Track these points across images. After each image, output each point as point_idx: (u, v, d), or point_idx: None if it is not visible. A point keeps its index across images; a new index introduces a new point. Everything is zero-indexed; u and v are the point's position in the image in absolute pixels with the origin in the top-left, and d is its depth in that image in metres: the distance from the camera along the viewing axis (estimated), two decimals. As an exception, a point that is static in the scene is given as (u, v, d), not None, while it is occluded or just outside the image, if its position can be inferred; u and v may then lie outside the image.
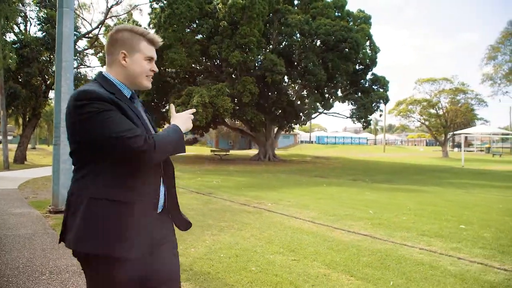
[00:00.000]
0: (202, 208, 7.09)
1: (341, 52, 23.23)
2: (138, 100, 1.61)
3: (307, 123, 36.80)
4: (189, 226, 1.64)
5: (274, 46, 24.64)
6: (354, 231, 5.27)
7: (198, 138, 46.50)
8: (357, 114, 25.98)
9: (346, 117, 27.55)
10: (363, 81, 27.14)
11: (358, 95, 26.67)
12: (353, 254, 4.15)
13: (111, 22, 24.56)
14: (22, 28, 20.98)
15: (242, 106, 23.02)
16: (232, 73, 23.63)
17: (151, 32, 1.52)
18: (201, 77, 26.58)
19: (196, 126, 23.30)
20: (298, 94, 27.47)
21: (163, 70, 24.01)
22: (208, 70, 26.53)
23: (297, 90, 27.91)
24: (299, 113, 25.54)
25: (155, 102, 26.99)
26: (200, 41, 23.27)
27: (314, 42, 24.00)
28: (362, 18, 26.81)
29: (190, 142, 49.80)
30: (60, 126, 6.40)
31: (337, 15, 25.47)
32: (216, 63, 25.92)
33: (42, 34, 19.90)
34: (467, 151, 39.51)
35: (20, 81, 20.08)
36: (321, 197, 8.90)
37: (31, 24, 23.47)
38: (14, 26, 19.82)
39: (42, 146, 44.95)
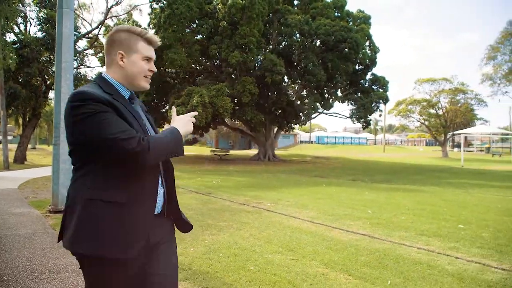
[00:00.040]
0: (202, 208, 7.11)
1: (340, 52, 23.26)
2: (139, 100, 1.61)
3: (307, 123, 36.83)
4: (190, 228, 1.63)
5: (273, 46, 24.66)
6: (352, 231, 5.29)
7: (198, 138, 46.51)
8: (356, 114, 26.02)
9: (346, 117, 27.58)
10: (363, 81, 27.19)
11: (358, 95, 26.70)
12: (351, 253, 4.17)
13: (111, 22, 24.60)
14: (22, 28, 21.02)
15: (242, 106, 23.04)
16: (232, 73, 23.65)
17: (149, 32, 1.51)
18: (201, 77, 26.60)
19: (196, 126, 23.23)
20: (298, 94, 27.49)
21: (163, 70, 24.04)
22: (208, 70, 26.55)
23: (297, 90, 27.94)
24: (299, 113, 25.56)
25: (155, 102, 27.01)
26: (200, 41, 23.29)
27: (313, 42, 24.03)
28: (362, 18, 26.85)
29: (190, 142, 49.82)
30: (59, 126, 6.42)
31: (336, 15, 25.51)
32: (216, 63, 25.94)
33: (42, 34, 19.92)
34: (467, 151, 39.53)
35: (20, 81, 20.10)
36: (320, 197, 8.92)
37: (31, 24, 23.54)
38: (14, 26, 19.84)
39: (42, 146, 45.01)
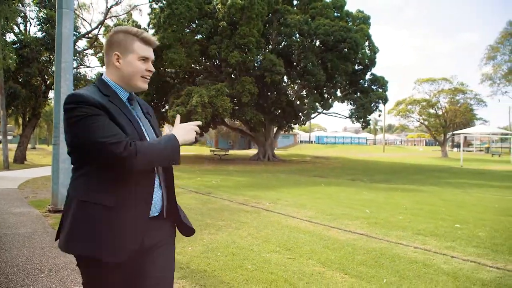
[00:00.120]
0: (201, 207, 7.14)
1: (340, 52, 23.29)
2: (142, 101, 1.61)
3: (307, 123, 36.83)
4: (191, 232, 1.62)
5: (273, 46, 24.69)
6: (350, 230, 5.32)
7: (197, 138, 46.43)
8: (356, 114, 26.06)
9: (345, 117, 27.61)
10: (362, 81, 27.22)
11: (357, 95, 26.73)
12: (348, 252, 4.21)
13: (111, 22, 24.65)
14: (22, 28, 21.05)
15: (241, 106, 23.06)
16: (231, 73, 23.68)
17: (145, 32, 1.50)
18: (200, 77, 26.62)
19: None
20: (298, 94, 27.52)
21: (163, 70, 24.07)
22: (207, 70, 26.58)
23: (296, 90, 27.97)
24: (299, 113, 25.59)
25: (155, 102, 27.04)
26: (199, 41, 23.32)
27: (313, 42, 24.05)
28: (361, 19, 26.87)
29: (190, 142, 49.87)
30: (59, 126, 6.45)
31: (336, 15, 25.54)
32: (215, 63, 25.97)
33: (42, 34, 19.94)
34: (467, 151, 39.57)
35: (20, 81, 20.13)
36: (319, 196, 8.95)
37: (31, 24, 23.53)
38: (14, 26, 19.86)
39: (42, 146, 45.05)
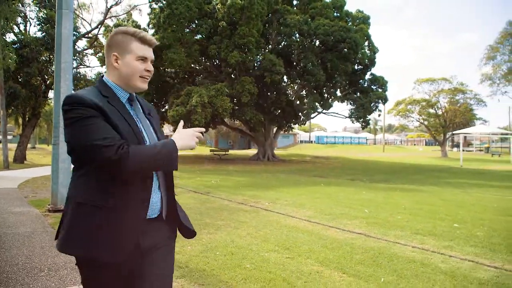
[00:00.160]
0: (200, 207, 7.16)
1: (340, 52, 23.31)
2: (144, 102, 1.60)
3: (307, 123, 36.85)
4: (192, 235, 1.61)
5: (273, 46, 24.70)
6: (348, 230, 5.34)
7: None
8: (356, 114, 26.08)
9: (345, 117, 27.63)
10: (362, 81, 27.24)
11: (357, 95, 26.75)
12: (346, 252, 4.23)
13: (111, 22, 24.68)
14: (22, 28, 21.07)
15: (241, 106, 23.08)
16: (231, 73, 23.70)
17: (143, 31, 1.49)
18: (200, 77, 26.64)
19: (195, 126, 23.32)
20: (297, 94, 27.54)
21: (163, 70, 24.08)
22: (207, 70, 26.60)
23: (296, 90, 27.99)
24: (298, 113, 25.60)
25: (155, 102, 27.05)
26: (199, 41, 23.33)
27: (313, 42, 24.07)
28: (361, 19, 26.89)
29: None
30: (59, 126, 6.47)
31: (336, 15, 25.55)
32: (215, 63, 25.99)
33: (41, 34, 19.96)
34: (466, 151, 39.59)
35: (20, 81, 20.16)
36: (318, 196, 8.96)
37: (31, 24, 23.56)
38: (14, 26, 19.89)
39: (42, 145, 45.07)
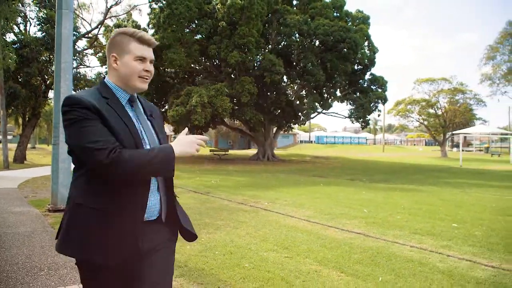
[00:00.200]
0: (200, 207, 7.18)
1: (339, 52, 23.32)
2: (147, 103, 1.60)
3: (306, 123, 36.86)
4: (193, 238, 1.60)
5: (273, 46, 24.71)
6: (347, 230, 5.36)
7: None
8: (355, 114, 26.09)
9: (345, 117, 27.63)
10: (362, 81, 27.24)
11: (357, 95, 26.76)
12: (345, 251, 4.24)
13: (111, 22, 24.71)
14: (22, 28, 21.09)
15: (241, 106, 23.10)
16: (231, 73, 23.71)
17: (142, 31, 1.49)
18: (200, 77, 26.65)
19: (195, 126, 23.38)
20: (297, 94, 27.55)
21: (162, 70, 24.10)
22: (207, 70, 26.61)
23: (296, 90, 28.00)
24: (298, 113, 25.62)
25: (154, 102, 27.06)
26: (199, 41, 23.35)
27: (312, 42, 24.08)
28: (361, 19, 26.90)
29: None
30: (59, 126, 6.48)
31: (335, 15, 25.56)
32: (215, 63, 26.00)
33: (41, 34, 19.98)
34: (466, 151, 39.61)
35: (20, 81, 20.18)
36: (318, 196, 8.98)
37: (31, 24, 23.54)
38: (14, 26, 19.91)
39: (42, 145, 45.08)
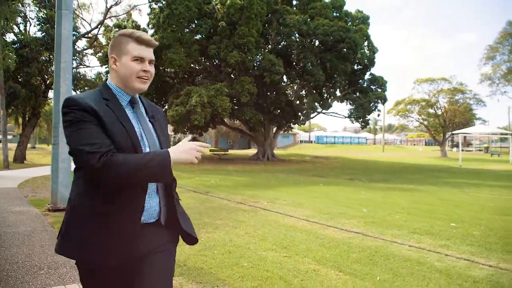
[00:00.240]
0: (199, 206, 7.20)
1: (339, 52, 23.34)
2: (146, 104, 1.58)
3: (306, 123, 36.88)
4: (194, 241, 1.59)
5: (272, 46, 24.74)
6: (346, 229, 5.38)
7: (197, 137, 46.70)
8: (355, 114, 26.12)
9: (345, 117, 27.66)
10: (361, 81, 27.29)
11: (356, 95, 26.79)
12: (343, 251, 4.26)
13: (110, 22, 24.75)
14: (22, 28, 21.12)
15: (240, 106, 23.12)
16: (230, 73, 23.74)
17: (141, 31, 1.49)
18: (200, 77, 26.69)
19: (195, 126, 23.43)
20: (297, 94, 27.57)
21: (162, 70, 24.13)
22: (207, 70, 26.64)
23: (295, 90, 28.03)
24: (298, 113, 25.65)
25: (154, 102, 27.09)
26: (199, 41, 23.37)
27: (312, 42, 24.11)
28: (360, 19, 26.93)
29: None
30: (58, 126, 6.50)
31: (335, 16, 25.59)
32: (214, 63, 26.03)
33: (41, 34, 20.02)
34: (466, 151, 39.65)
35: (19, 81, 20.21)
36: (317, 196, 9.00)
37: (31, 24, 23.58)
38: (14, 26, 19.93)
39: (42, 145, 45.08)
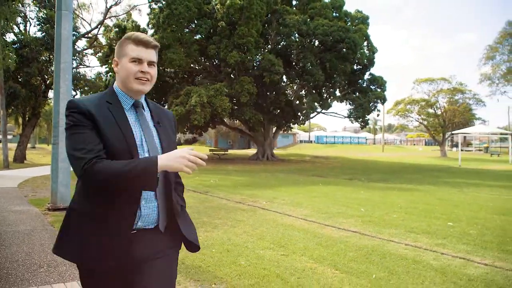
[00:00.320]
0: (198, 206, 7.23)
1: (338, 52, 23.38)
2: (153, 108, 1.60)
3: (306, 123, 36.91)
4: (195, 249, 1.56)
5: (272, 46, 24.78)
6: (344, 228, 5.42)
7: (197, 137, 46.78)
8: (354, 114, 26.16)
9: (344, 116, 27.71)
10: (361, 81, 27.33)
11: (356, 95, 26.83)
12: (340, 249, 4.30)
13: (110, 22, 24.78)
14: (22, 28, 21.16)
15: (240, 106, 23.16)
16: (230, 73, 23.77)
17: (139, 33, 1.50)
18: (199, 77, 26.72)
19: (194, 126, 23.47)
20: (296, 94, 27.61)
21: (162, 70, 24.17)
22: (206, 70, 26.68)
23: (295, 90, 28.07)
24: (297, 112, 25.69)
25: (154, 101, 27.14)
26: (198, 41, 23.41)
27: (312, 42, 24.15)
28: (360, 19, 26.96)
29: (189, 142, 50.12)
30: (58, 126, 6.54)
31: (335, 16, 25.63)
32: (214, 63, 26.06)
33: (41, 34, 20.07)
34: (466, 151, 39.71)
35: (19, 81, 20.26)
36: (316, 195, 9.04)
37: (31, 24, 23.64)
38: (14, 26, 19.98)
39: (42, 145, 45.13)
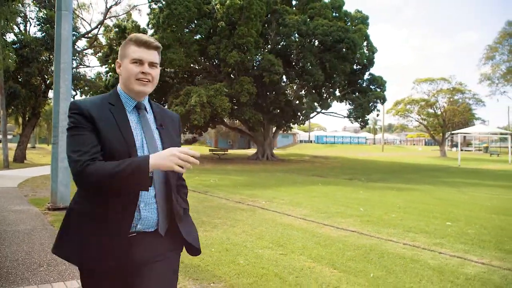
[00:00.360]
0: (198, 205, 7.26)
1: (338, 52, 23.40)
2: (156, 110, 1.61)
3: (306, 123, 36.95)
4: (196, 253, 1.56)
5: (272, 46, 24.80)
6: (342, 228, 5.44)
7: (197, 137, 46.83)
8: (354, 114, 26.19)
9: (344, 116, 27.73)
10: (361, 81, 27.36)
11: (356, 95, 26.86)
12: (338, 248, 4.33)
13: (110, 22, 24.80)
14: (22, 28, 21.18)
15: (240, 105, 23.18)
16: (230, 73, 23.80)
17: (140, 34, 1.51)
18: (199, 77, 26.75)
19: (194, 126, 23.48)
20: (296, 94, 27.63)
21: (162, 70, 24.15)
22: (206, 70, 26.70)
23: (295, 90, 28.08)
24: (297, 112, 25.72)
25: (154, 101, 27.17)
26: (198, 41, 23.43)
27: (311, 42, 24.17)
28: (360, 19, 26.98)
29: (189, 142, 50.15)
30: (58, 126, 6.56)
31: (334, 16, 25.65)
32: (214, 63, 26.09)
33: (41, 34, 20.09)
34: (465, 151, 39.73)
35: (20, 80, 20.28)
36: (315, 195, 9.06)
37: (31, 24, 23.62)
38: (14, 27, 19.99)
39: (42, 145, 45.12)
